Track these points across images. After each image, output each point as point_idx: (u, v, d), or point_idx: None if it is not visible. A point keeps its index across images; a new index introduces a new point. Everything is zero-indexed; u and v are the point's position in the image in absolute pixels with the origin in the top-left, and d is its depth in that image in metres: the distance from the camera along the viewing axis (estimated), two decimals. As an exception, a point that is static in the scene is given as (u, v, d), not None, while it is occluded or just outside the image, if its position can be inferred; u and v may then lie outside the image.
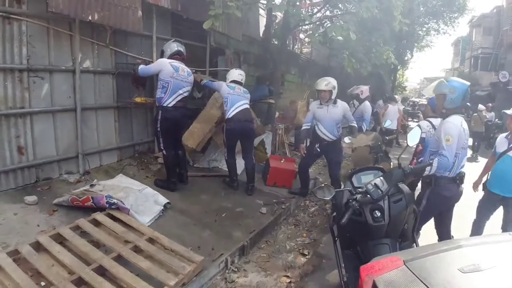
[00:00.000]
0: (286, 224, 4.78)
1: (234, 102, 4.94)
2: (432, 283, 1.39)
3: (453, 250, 1.61)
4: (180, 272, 2.91)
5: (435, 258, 1.57)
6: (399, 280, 1.46)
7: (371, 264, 1.63)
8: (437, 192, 3.15)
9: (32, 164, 3.95)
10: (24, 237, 3.05)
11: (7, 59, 3.59)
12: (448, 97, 3.08)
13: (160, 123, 4.43)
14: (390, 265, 1.55)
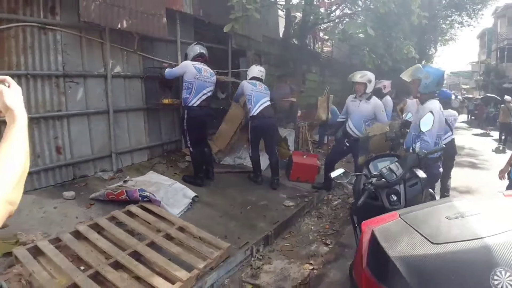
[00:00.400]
0: (309, 217, 4.89)
1: (258, 99, 5.14)
2: (421, 228, 1.58)
3: (444, 204, 1.80)
4: (208, 257, 3.10)
5: (426, 210, 1.77)
6: (394, 229, 1.65)
7: (371, 219, 1.84)
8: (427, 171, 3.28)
9: (69, 162, 4.27)
10: (64, 228, 3.33)
11: (44, 66, 3.93)
12: (423, 82, 3.26)
13: (187, 122, 4.67)
14: (387, 218, 1.76)
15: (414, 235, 1.56)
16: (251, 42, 6.96)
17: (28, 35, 3.74)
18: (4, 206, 0.77)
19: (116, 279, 2.62)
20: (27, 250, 2.79)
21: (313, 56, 9.77)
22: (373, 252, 1.64)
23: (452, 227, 1.56)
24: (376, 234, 1.65)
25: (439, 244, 1.46)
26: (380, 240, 1.59)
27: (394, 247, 1.53)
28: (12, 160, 0.81)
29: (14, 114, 0.88)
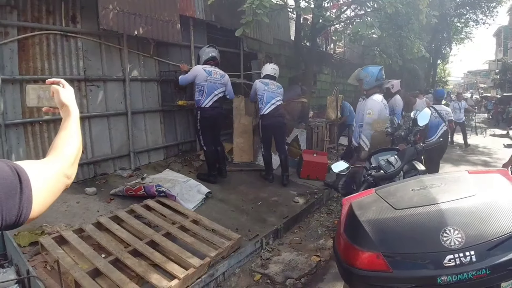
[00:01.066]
0: (319, 213, 5.02)
1: (269, 99, 5.33)
2: (389, 198, 1.83)
3: (414, 180, 2.01)
4: (220, 247, 3.29)
5: (397, 185, 2.00)
6: (368, 200, 1.92)
7: (352, 195, 2.09)
8: None
9: (90, 161, 4.56)
10: (86, 220, 3.58)
11: (67, 71, 4.24)
12: (364, 80, 3.93)
13: (200, 122, 4.89)
14: (365, 193, 2.02)
15: (382, 204, 1.82)
16: (262, 45, 7.17)
17: (51, 42, 4.05)
18: (63, 179, 0.91)
19: (134, 264, 2.84)
20: (52, 239, 3.04)
21: (324, 57, 9.91)
22: (349, 219, 1.89)
23: (414, 197, 1.79)
24: (352, 205, 1.90)
25: (400, 209, 1.71)
26: (355, 209, 1.86)
27: (365, 213, 1.80)
28: (70, 143, 1.00)
29: (69, 109, 1.09)
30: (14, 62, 3.78)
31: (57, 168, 0.90)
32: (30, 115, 3.94)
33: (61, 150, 0.96)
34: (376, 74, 3.93)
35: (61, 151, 0.96)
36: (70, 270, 2.68)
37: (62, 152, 0.96)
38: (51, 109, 1.14)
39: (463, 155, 9.28)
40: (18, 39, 3.79)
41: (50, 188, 0.85)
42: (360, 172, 3.08)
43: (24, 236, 3.16)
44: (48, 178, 0.86)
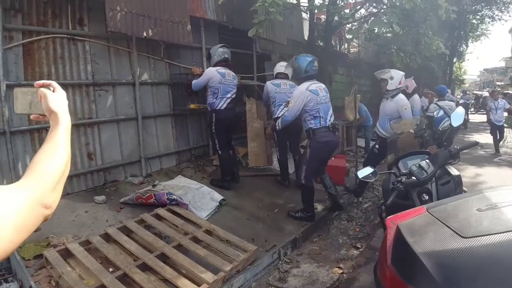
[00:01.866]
0: (339, 220, 4.76)
1: (281, 101, 5.11)
2: (450, 221, 1.46)
3: (474, 196, 1.69)
4: (235, 260, 3.07)
5: (456, 203, 1.65)
6: (421, 223, 1.55)
7: (397, 214, 1.73)
8: (317, 141, 4.00)
9: (100, 168, 4.40)
10: (95, 230, 3.41)
11: (74, 76, 4.10)
12: (296, 71, 4.15)
13: (215, 125, 4.72)
14: (414, 213, 1.66)
15: (442, 229, 1.44)
16: (276, 45, 6.96)
17: (58, 46, 3.91)
18: (39, 210, 0.71)
19: (143, 280, 2.65)
20: (57, 252, 2.88)
21: (339, 57, 9.65)
22: (398, 248, 1.54)
23: (483, 219, 1.44)
24: (401, 229, 1.54)
25: (469, 237, 1.34)
26: (406, 236, 1.48)
27: (421, 242, 1.42)
28: (53, 161, 0.80)
29: (58, 117, 0.90)
30: (19, 67, 3.65)
31: (31, 196, 0.70)
32: (36, 122, 3.76)
33: (40, 169, 0.77)
34: (306, 65, 4.06)
35: (41, 170, 0.77)
36: (74, 287, 2.50)
37: (42, 172, 0.76)
38: (40, 116, 0.97)
39: (485, 156, 8.85)
40: (23, 43, 3.65)
41: (18, 224, 0.65)
42: (387, 179, 2.82)
43: (28, 249, 3.01)
44: (16, 210, 0.65)
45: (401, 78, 4.60)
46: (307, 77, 4.08)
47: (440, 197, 2.49)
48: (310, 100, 3.92)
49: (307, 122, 4.06)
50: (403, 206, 2.51)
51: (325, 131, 4.01)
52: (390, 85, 4.65)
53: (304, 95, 3.93)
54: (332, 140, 4.09)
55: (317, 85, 4.07)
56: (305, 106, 3.94)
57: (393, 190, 2.56)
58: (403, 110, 4.55)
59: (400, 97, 4.67)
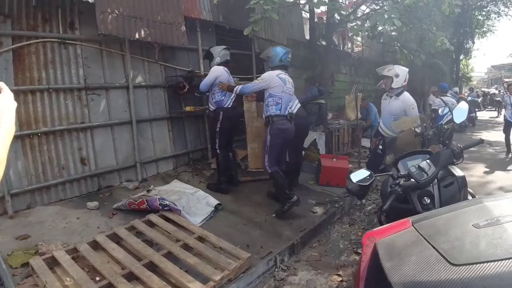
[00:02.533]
0: (340, 223, 4.61)
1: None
2: (438, 241, 1.18)
3: (472, 207, 1.37)
4: (226, 268, 2.94)
5: (449, 216, 1.36)
6: (403, 242, 1.27)
7: (377, 229, 1.46)
8: (276, 127, 4.15)
9: (94, 173, 4.33)
10: (85, 238, 3.32)
11: (66, 80, 4.03)
12: (271, 59, 4.34)
13: (221, 123, 4.65)
14: (397, 227, 1.37)
15: (427, 251, 1.16)
16: (275, 45, 6.79)
17: (48, 50, 3.85)
18: None
19: (128, 291, 2.55)
20: (44, 260, 2.79)
21: (342, 56, 9.49)
22: (372, 275, 1.28)
23: (480, 240, 1.15)
24: (378, 250, 1.27)
25: (460, 265, 1.05)
26: (382, 259, 1.21)
27: (399, 269, 1.15)
28: None
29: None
30: (9, 72, 3.59)
31: None
32: (27, 127, 3.74)
33: None
34: (281, 55, 4.31)
35: None
36: (56, 298, 2.41)
37: None
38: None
39: (494, 154, 8.59)
40: (13, 48, 3.60)
41: None
42: (386, 182, 2.66)
43: (17, 256, 2.95)
44: None
45: (406, 75, 4.47)
46: (280, 66, 4.31)
47: (443, 200, 2.33)
48: (277, 85, 4.15)
49: (269, 108, 4.20)
50: (404, 210, 2.35)
51: (283, 119, 4.20)
52: (396, 83, 4.44)
53: (273, 79, 4.17)
54: (289, 128, 4.26)
55: (286, 76, 4.32)
56: (270, 89, 4.16)
57: (391, 193, 2.39)
58: (411, 109, 4.39)
59: (406, 95, 4.49)
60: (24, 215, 3.63)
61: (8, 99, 0.92)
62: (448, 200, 2.33)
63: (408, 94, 4.53)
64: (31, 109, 3.75)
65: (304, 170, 5.97)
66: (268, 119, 4.20)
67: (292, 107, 4.43)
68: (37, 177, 3.82)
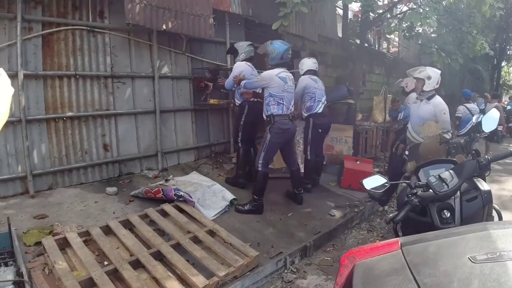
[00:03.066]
0: (359, 229, 4.47)
1: (320, 97, 5.05)
2: (423, 274, 1.00)
3: (473, 234, 1.15)
4: (232, 265, 2.91)
5: (443, 242, 1.15)
6: (383, 267, 1.10)
7: (359, 248, 1.30)
8: (277, 127, 4.08)
9: (116, 160, 4.42)
10: (99, 222, 3.39)
11: (93, 67, 4.12)
12: (270, 56, 4.13)
13: (245, 117, 4.67)
14: (383, 248, 1.21)
15: (407, 285, 0.99)
16: (306, 42, 6.69)
17: (77, 37, 3.95)
18: None
19: (131, 278, 2.57)
20: (55, 241, 2.87)
21: (375, 56, 9.17)
22: None
23: (473, 280, 0.94)
24: (354, 275, 1.12)
25: None
26: (355, 285, 1.07)
27: None
28: None
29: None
30: (38, 57, 3.71)
31: None
32: (54, 111, 3.87)
33: None
34: (282, 52, 4.12)
35: None
36: (62, 278, 2.47)
37: None
38: None
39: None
40: (43, 34, 3.72)
41: None
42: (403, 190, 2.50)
43: (32, 235, 3.05)
44: None
45: (438, 78, 4.18)
46: (281, 64, 4.17)
47: (464, 216, 2.13)
48: (277, 86, 4.05)
49: (270, 107, 4.12)
50: (421, 223, 2.19)
51: (285, 118, 4.13)
52: (428, 86, 4.15)
53: (273, 79, 4.05)
54: (291, 128, 4.23)
55: (286, 74, 4.18)
56: (270, 89, 4.07)
57: (406, 204, 2.23)
58: (442, 114, 4.10)
59: (438, 99, 4.21)
60: (44, 195, 3.76)
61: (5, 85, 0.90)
62: (470, 216, 2.13)
63: (440, 98, 4.24)
64: (57, 94, 3.87)
65: (326, 171, 5.86)
66: (270, 118, 4.12)
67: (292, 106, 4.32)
68: (60, 159, 3.94)
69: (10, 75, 3.41)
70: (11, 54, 3.54)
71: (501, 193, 5.42)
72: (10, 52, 3.54)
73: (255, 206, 4.17)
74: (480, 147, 9.64)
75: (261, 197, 4.21)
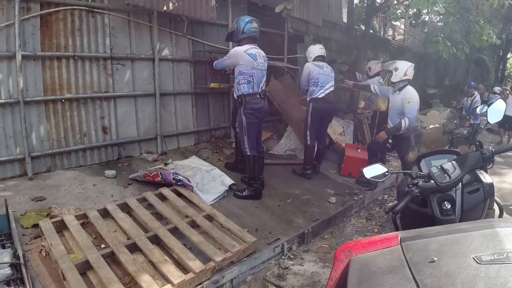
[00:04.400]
0: (357, 217, 4.47)
1: (325, 82, 4.99)
2: (423, 273, 0.95)
3: (478, 231, 1.09)
4: (229, 250, 2.92)
5: (446, 239, 1.09)
6: (381, 263, 1.04)
7: (357, 241, 1.25)
8: (249, 107, 3.97)
9: (115, 142, 4.39)
10: (98, 205, 3.38)
11: (92, 49, 4.04)
12: (234, 32, 4.08)
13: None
14: (382, 242, 1.15)
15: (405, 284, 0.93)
16: (310, 26, 6.55)
17: (76, 18, 3.86)
18: None
19: (128, 261, 2.57)
20: (53, 223, 2.87)
21: (380, 43, 9.02)
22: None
23: (477, 283, 0.88)
24: (349, 270, 1.07)
25: None
26: (350, 282, 1.00)
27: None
28: None
29: None
30: (36, 38, 3.63)
31: None
32: (52, 93, 3.81)
33: None
34: (243, 26, 4.01)
35: None
36: (59, 260, 2.47)
37: None
38: None
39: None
40: (41, 14, 3.63)
41: None
42: (404, 180, 2.47)
43: (29, 217, 3.04)
44: None
45: (406, 69, 4.35)
46: (246, 38, 4.04)
47: (465, 208, 2.10)
48: (245, 63, 3.91)
49: (240, 86, 3.99)
50: (421, 213, 2.16)
51: (257, 97, 4.02)
52: (394, 77, 4.44)
53: (241, 56, 3.94)
54: (264, 106, 4.11)
55: (257, 51, 4.05)
56: (239, 66, 3.94)
57: (407, 194, 2.20)
58: (406, 103, 4.30)
59: (407, 89, 4.40)
60: (43, 177, 3.75)
61: None
62: (471, 208, 2.10)
63: (411, 88, 4.42)
64: (56, 75, 3.80)
65: (327, 158, 5.83)
66: (241, 99, 4.01)
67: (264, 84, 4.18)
68: (58, 142, 3.91)
69: (8, 56, 3.41)
70: (9, 35, 3.47)
71: (502, 186, 5.39)
72: (8, 32, 3.47)
73: (253, 191, 4.15)
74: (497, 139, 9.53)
75: (257, 181, 4.18)
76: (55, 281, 2.46)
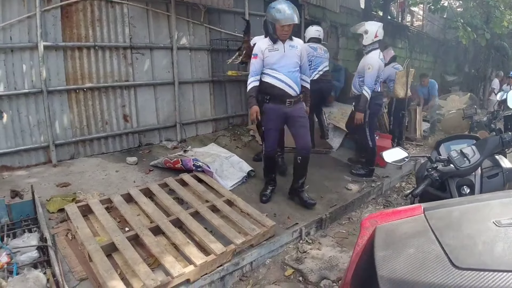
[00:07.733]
0: (375, 204, 4.47)
1: (317, 65, 5.05)
2: (446, 236, 0.98)
3: (498, 200, 1.14)
4: (249, 233, 2.97)
5: (468, 207, 1.14)
6: (405, 230, 1.09)
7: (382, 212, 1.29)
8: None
9: (135, 130, 4.49)
10: (120, 190, 3.48)
11: (112, 39, 4.13)
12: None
13: None
14: (405, 212, 1.19)
15: (429, 246, 0.96)
16: (327, 12, 6.50)
17: (95, 8, 3.94)
18: None
19: (152, 243, 2.65)
20: (78, 207, 2.97)
21: (399, 29, 8.85)
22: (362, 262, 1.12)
23: (497, 242, 0.93)
24: (375, 236, 1.10)
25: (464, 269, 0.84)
26: (377, 246, 1.04)
27: (391, 261, 0.96)
28: None
29: None
30: (58, 29, 3.72)
31: None
32: (74, 82, 3.92)
33: None
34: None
35: None
36: (85, 242, 2.56)
37: None
38: None
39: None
40: (62, 5, 3.71)
41: None
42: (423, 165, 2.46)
43: (55, 202, 3.15)
44: None
45: (376, 30, 4.32)
46: None
47: (484, 192, 2.10)
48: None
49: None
50: (440, 198, 2.16)
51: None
52: (366, 40, 4.39)
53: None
54: None
55: None
56: None
57: (426, 178, 2.20)
58: (367, 69, 4.32)
59: (371, 54, 4.38)
60: (67, 164, 3.87)
61: None
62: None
63: (374, 54, 4.39)
64: (77, 65, 3.90)
65: (344, 145, 5.81)
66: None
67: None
68: (81, 130, 4.03)
69: (30, 47, 3.51)
70: (31, 26, 3.57)
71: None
72: (30, 23, 3.56)
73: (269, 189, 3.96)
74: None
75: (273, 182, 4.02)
76: (81, 263, 2.55)
